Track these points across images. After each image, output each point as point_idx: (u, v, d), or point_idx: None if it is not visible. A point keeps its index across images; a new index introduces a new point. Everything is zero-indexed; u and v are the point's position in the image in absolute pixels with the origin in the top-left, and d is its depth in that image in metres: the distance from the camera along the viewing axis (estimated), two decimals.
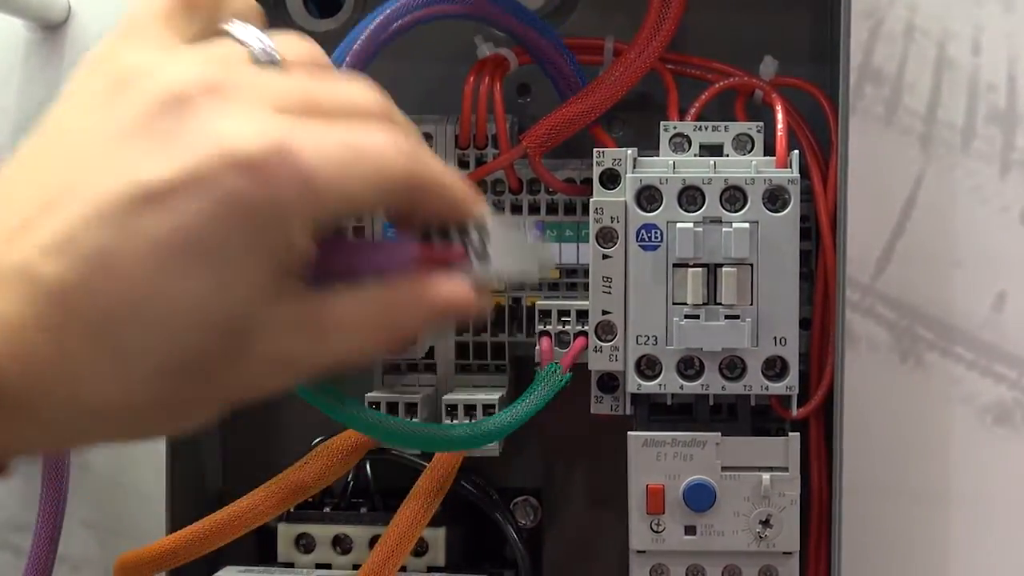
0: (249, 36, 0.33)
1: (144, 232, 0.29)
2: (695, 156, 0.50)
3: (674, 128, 0.51)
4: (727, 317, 0.48)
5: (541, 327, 0.51)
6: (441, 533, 0.52)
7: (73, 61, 0.60)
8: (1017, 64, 0.56)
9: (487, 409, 0.50)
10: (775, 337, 0.49)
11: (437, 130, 0.53)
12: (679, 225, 0.49)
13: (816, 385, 0.51)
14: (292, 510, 0.52)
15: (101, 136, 0.30)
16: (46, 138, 0.31)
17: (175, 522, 0.52)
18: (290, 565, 0.53)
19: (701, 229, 0.48)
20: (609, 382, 0.51)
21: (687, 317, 0.49)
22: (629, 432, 0.50)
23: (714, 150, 0.51)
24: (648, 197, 0.49)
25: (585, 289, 0.51)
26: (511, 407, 0.47)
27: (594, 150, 0.50)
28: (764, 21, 0.54)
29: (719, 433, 0.49)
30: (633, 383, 0.49)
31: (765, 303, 0.49)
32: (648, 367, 0.50)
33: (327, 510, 0.53)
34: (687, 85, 0.53)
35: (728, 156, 0.50)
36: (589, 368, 0.50)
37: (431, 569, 0.52)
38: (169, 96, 0.30)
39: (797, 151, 0.50)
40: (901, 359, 0.57)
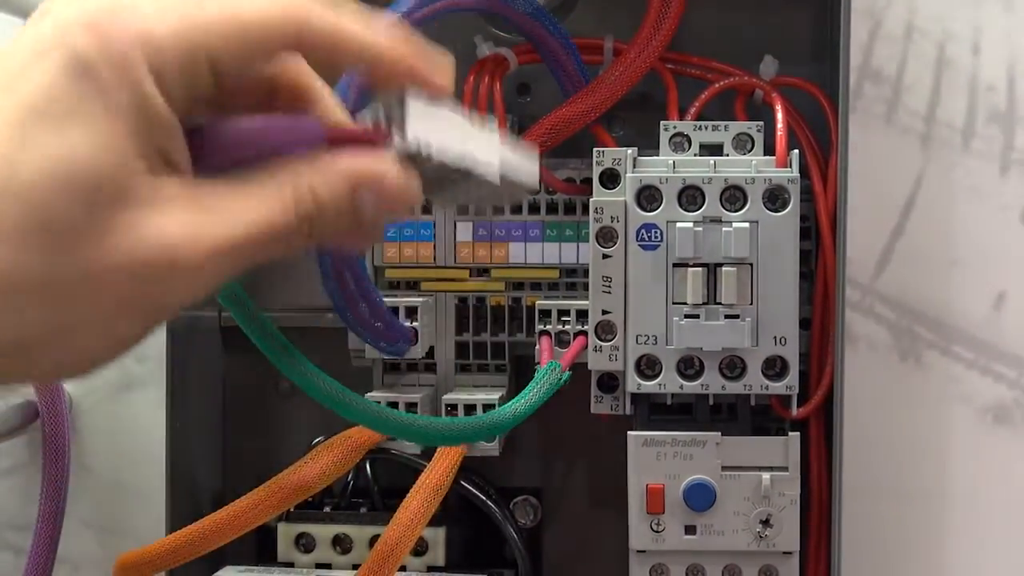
0: None
1: (1, 114, 0.29)
2: (695, 156, 0.50)
3: (674, 128, 0.51)
4: (727, 317, 0.48)
5: (541, 327, 0.51)
6: (441, 532, 0.52)
7: None
8: (1017, 64, 0.56)
9: (487, 409, 0.50)
10: (775, 337, 0.49)
11: None
12: (679, 225, 0.49)
13: (816, 385, 0.51)
14: (292, 510, 0.52)
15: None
16: None
17: (175, 522, 0.52)
18: (290, 565, 0.53)
19: (701, 229, 0.48)
20: (609, 382, 0.51)
21: (687, 317, 0.49)
22: (629, 432, 0.50)
23: (714, 150, 0.51)
24: (648, 197, 0.49)
25: (585, 289, 0.51)
26: (510, 405, 0.47)
27: (594, 150, 0.50)
28: (764, 21, 0.54)
29: (719, 433, 0.50)
30: (633, 383, 0.49)
31: (765, 303, 0.49)
32: (648, 367, 0.50)
33: (327, 510, 0.53)
34: (687, 85, 0.53)
35: (728, 156, 0.50)
36: (589, 368, 0.50)
37: (431, 568, 0.52)
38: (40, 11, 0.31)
39: (797, 151, 0.50)
40: (901, 358, 0.57)
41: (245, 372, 0.57)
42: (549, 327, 0.51)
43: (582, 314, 0.51)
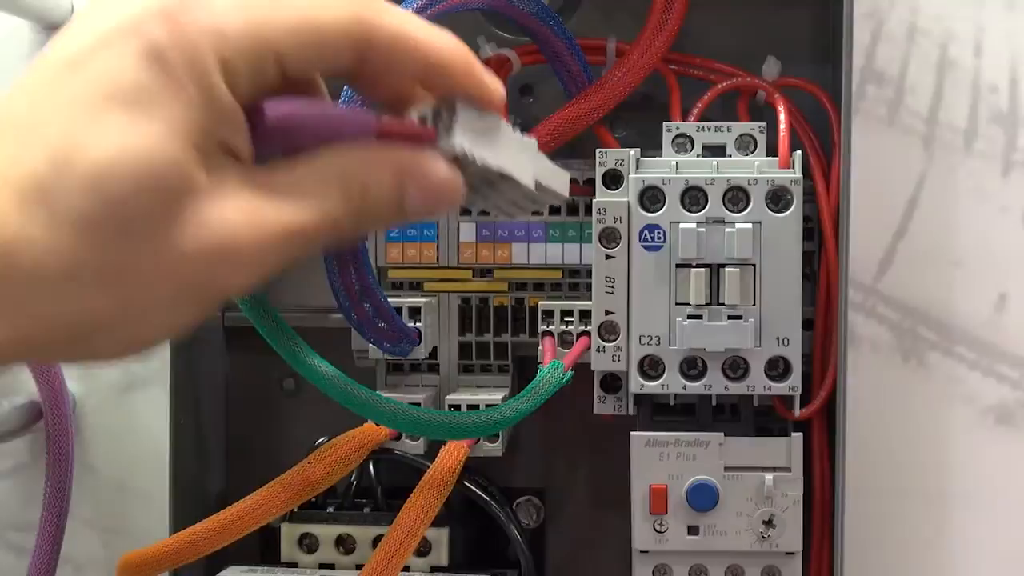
0: None
1: (64, 93, 0.30)
2: (698, 156, 0.51)
3: (677, 128, 0.51)
4: (730, 317, 0.49)
5: (544, 327, 0.51)
6: (444, 533, 0.52)
7: None
8: (1019, 65, 0.56)
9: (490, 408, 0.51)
10: (778, 337, 0.49)
11: None
12: (682, 225, 0.49)
13: (819, 385, 0.51)
14: (295, 510, 0.52)
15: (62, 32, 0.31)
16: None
17: (178, 522, 0.52)
18: (293, 565, 0.53)
19: (704, 229, 0.49)
20: (612, 382, 0.51)
21: (690, 317, 0.49)
22: (632, 432, 0.50)
23: (717, 150, 0.51)
24: (651, 197, 0.49)
25: (588, 289, 0.51)
26: (512, 401, 0.47)
27: (597, 150, 0.50)
28: (767, 22, 0.54)
29: (722, 433, 0.50)
30: (636, 383, 0.49)
31: (768, 303, 0.49)
32: (651, 367, 0.50)
33: (330, 510, 0.53)
34: (690, 86, 0.53)
35: (731, 156, 0.50)
36: (592, 368, 0.50)
37: (434, 569, 0.52)
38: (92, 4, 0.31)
39: (800, 152, 0.50)
40: (903, 359, 0.57)
41: (248, 372, 0.57)
42: (552, 328, 0.51)
43: (585, 315, 0.51)
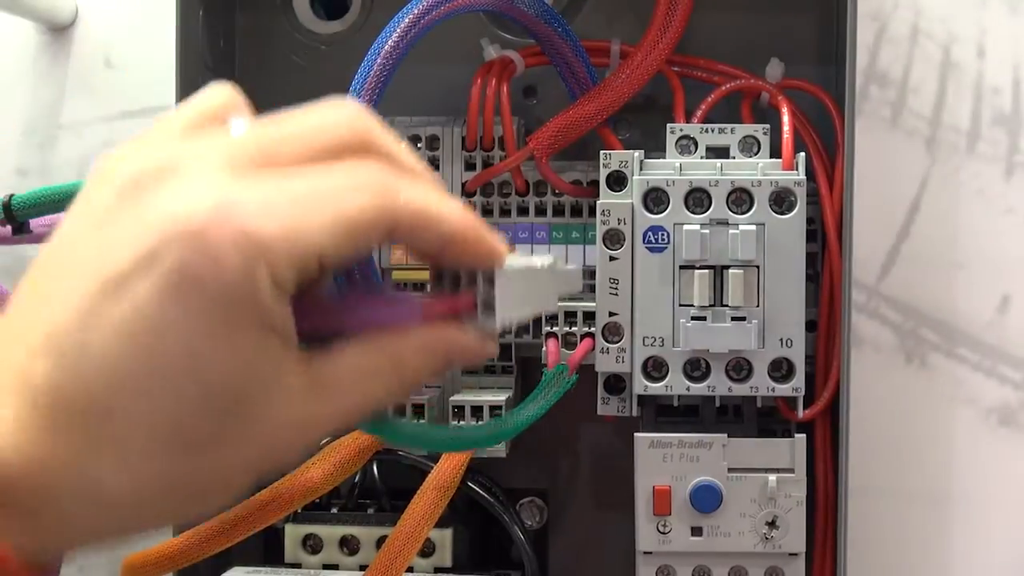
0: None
1: (110, 321, 0.30)
2: (701, 158, 0.51)
3: (680, 130, 0.51)
4: (733, 319, 0.49)
5: (548, 329, 0.51)
6: (448, 534, 0.52)
7: (80, 62, 0.60)
8: (1022, 67, 0.57)
9: (494, 410, 0.51)
10: (781, 339, 0.49)
11: (444, 132, 0.53)
12: (686, 227, 0.49)
13: (822, 387, 0.51)
14: (299, 511, 0.52)
15: (81, 230, 0.31)
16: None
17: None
18: (297, 566, 0.53)
19: (708, 231, 0.49)
20: (616, 383, 0.51)
21: (694, 319, 0.49)
22: (636, 433, 0.50)
23: (720, 152, 0.51)
24: (655, 199, 0.49)
25: (592, 291, 0.51)
26: (521, 407, 0.47)
27: (601, 152, 0.50)
28: (770, 24, 0.54)
29: (725, 434, 0.50)
30: (640, 384, 0.49)
31: (771, 305, 0.49)
32: (655, 368, 0.50)
33: (334, 511, 0.53)
34: (693, 87, 0.53)
35: (734, 158, 0.51)
36: (596, 370, 0.50)
37: (438, 570, 0.52)
38: (127, 182, 0.31)
39: (803, 153, 0.50)
40: (906, 360, 0.57)
41: None
42: (556, 329, 0.51)
43: (589, 316, 0.51)
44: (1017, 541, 0.56)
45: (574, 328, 0.51)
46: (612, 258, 0.50)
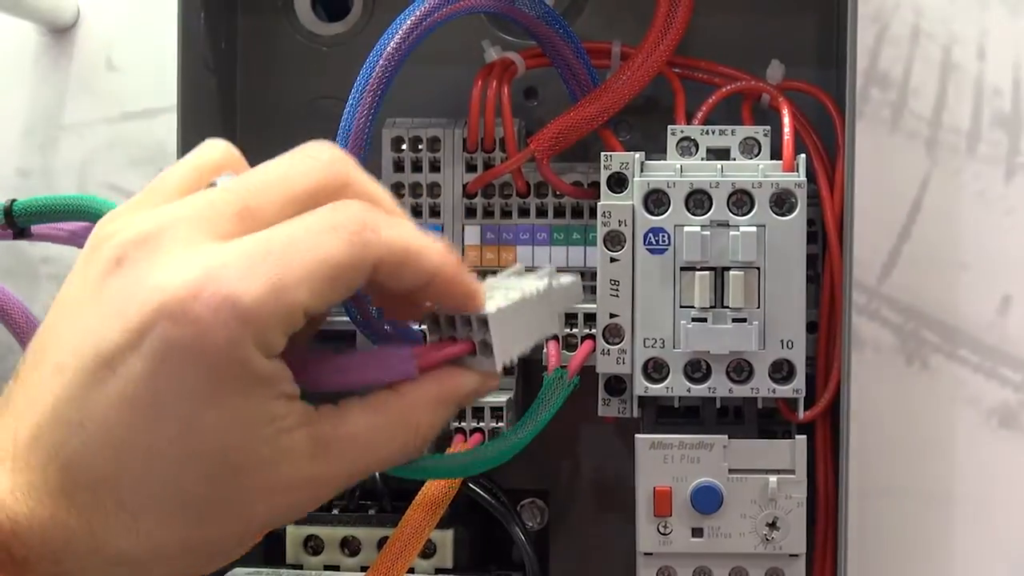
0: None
1: (108, 395, 0.30)
2: (702, 160, 0.51)
3: (681, 132, 0.51)
4: (734, 320, 0.49)
5: None
6: (449, 535, 0.52)
7: (82, 64, 0.60)
8: (1022, 68, 0.57)
9: (495, 412, 0.51)
10: (782, 340, 0.49)
11: (445, 134, 0.53)
12: (686, 229, 0.49)
13: (823, 388, 0.51)
14: None
15: (76, 303, 0.32)
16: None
17: None
18: (298, 567, 0.53)
19: (708, 232, 0.49)
20: (616, 385, 0.51)
21: (694, 320, 0.49)
22: (636, 435, 0.50)
23: (721, 154, 0.51)
24: (656, 201, 0.49)
25: (592, 292, 0.51)
26: (527, 417, 0.47)
27: (601, 154, 0.50)
28: (771, 25, 0.54)
29: (726, 436, 0.50)
30: (640, 386, 0.50)
31: (772, 306, 0.49)
32: (655, 370, 0.50)
33: (335, 512, 0.53)
34: (694, 89, 0.53)
35: (735, 160, 0.51)
36: (597, 371, 0.50)
37: (439, 571, 0.52)
38: (112, 257, 0.32)
39: (804, 155, 0.50)
40: (907, 362, 0.57)
41: None
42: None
43: (590, 318, 0.51)
44: (1017, 542, 0.56)
45: (575, 330, 0.51)
46: (613, 260, 0.50)
